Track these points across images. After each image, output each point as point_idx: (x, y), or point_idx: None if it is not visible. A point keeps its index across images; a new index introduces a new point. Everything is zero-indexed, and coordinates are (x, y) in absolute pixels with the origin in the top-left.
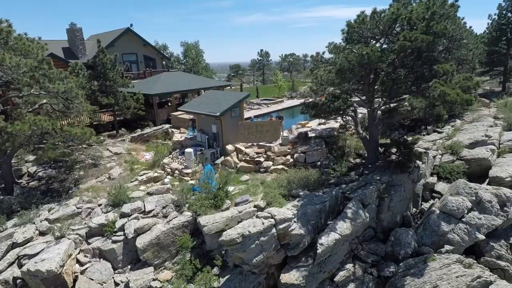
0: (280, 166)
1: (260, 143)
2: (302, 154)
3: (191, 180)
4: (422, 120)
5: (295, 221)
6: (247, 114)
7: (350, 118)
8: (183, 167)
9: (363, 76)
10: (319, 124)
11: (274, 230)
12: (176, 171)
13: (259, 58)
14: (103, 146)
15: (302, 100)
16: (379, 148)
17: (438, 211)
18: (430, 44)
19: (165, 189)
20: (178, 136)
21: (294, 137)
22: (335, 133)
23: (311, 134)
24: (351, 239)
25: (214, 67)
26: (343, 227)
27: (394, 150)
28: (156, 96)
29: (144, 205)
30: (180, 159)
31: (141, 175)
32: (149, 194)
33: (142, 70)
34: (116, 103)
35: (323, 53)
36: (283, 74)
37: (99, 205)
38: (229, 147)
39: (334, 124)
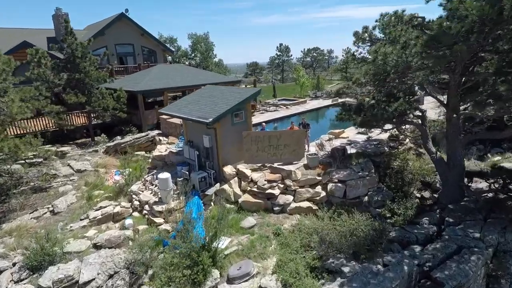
0: (306, 204)
1: (275, 165)
2: (339, 185)
3: (164, 222)
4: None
5: None
6: (258, 118)
7: (408, 127)
8: (157, 199)
9: (459, 57)
10: (362, 135)
11: None
12: (147, 206)
13: (278, 53)
14: (65, 160)
15: (329, 101)
16: (465, 177)
17: None
18: None
19: (122, 239)
20: (162, 148)
21: (327, 154)
22: (385, 148)
23: (350, 150)
24: None
25: (232, 68)
26: None
27: (489, 181)
28: (141, 93)
29: (80, 271)
30: (155, 186)
31: (97, 209)
32: (96, 246)
33: (144, 63)
34: (88, 102)
35: (374, 28)
36: (306, 71)
37: (14, 264)
38: (228, 169)
39: (378, 133)
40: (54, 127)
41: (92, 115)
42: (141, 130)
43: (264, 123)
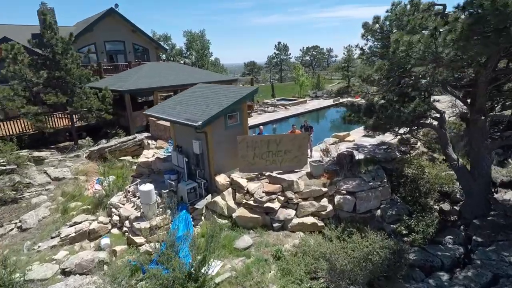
0: (310, 220)
1: (274, 174)
2: (348, 197)
3: (146, 242)
4: None
5: None
6: (255, 120)
7: (421, 130)
8: (139, 214)
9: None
10: (368, 138)
11: None
12: (127, 222)
13: (277, 52)
14: (43, 167)
15: (330, 101)
16: (492, 188)
17: None
18: None
19: (95, 263)
20: (148, 153)
21: (332, 161)
22: (397, 153)
23: (358, 156)
24: None
25: (231, 68)
26: None
27: None
28: (128, 93)
29: None
30: (137, 198)
31: (71, 225)
32: (65, 272)
33: (135, 62)
34: (69, 103)
35: (386, 18)
36: (305, 70)
37: None
38: (221, 179)
39: (391, 138)
40: (32, 130)
41: (75, 117)
42: (129, 133)
43: (261, 126)
